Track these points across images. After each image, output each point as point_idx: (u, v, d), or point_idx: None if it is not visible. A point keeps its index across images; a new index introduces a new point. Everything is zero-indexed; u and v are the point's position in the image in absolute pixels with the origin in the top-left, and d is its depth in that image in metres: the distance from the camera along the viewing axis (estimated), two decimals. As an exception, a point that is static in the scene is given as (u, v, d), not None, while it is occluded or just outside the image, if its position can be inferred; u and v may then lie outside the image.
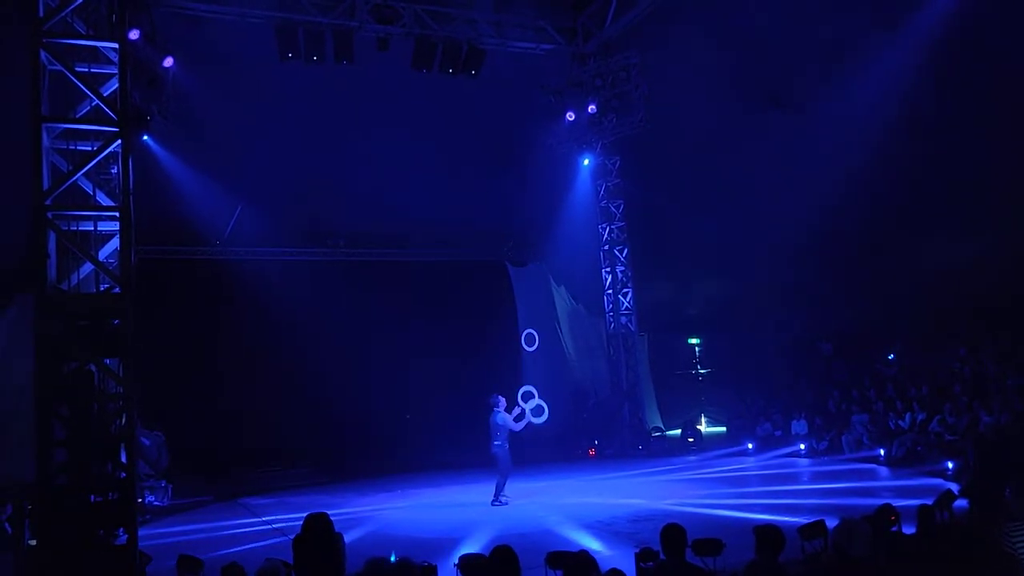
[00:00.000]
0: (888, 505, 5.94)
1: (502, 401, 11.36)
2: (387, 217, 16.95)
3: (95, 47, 7.54)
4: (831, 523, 5.68)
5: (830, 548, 5.30)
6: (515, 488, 11.59)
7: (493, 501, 11.10)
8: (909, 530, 5.85)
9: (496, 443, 11.15)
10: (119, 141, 7.12)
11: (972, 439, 11.49)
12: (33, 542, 7.08)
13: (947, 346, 15.14)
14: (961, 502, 7.33)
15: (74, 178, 7.13)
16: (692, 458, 15.98)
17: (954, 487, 8.74)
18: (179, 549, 7.18)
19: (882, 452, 13.32)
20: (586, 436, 17.26)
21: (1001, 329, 14.44)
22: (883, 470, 12.79)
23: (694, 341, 21.56)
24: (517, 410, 11.58)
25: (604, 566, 4.76)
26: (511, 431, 11.31)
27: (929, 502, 6.33)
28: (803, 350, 18.55)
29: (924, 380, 14.38)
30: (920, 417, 13.41)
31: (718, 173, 16.70)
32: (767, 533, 4.61)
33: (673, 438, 17.93)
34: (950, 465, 11.36)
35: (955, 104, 14.04)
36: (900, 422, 13.69)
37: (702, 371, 21.36)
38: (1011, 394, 12.41)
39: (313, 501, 12.23)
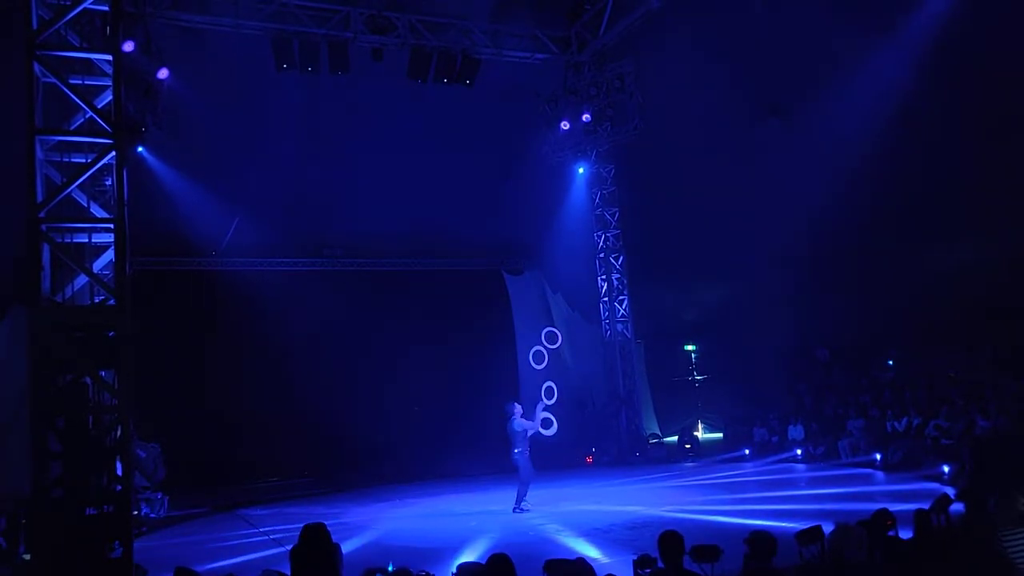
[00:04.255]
0: (884, 510, 5.94)
1: (518, 408, 11.33)
2: (383, 227, 16.96)
3: (89, 59, 7.56)
4: (828, 528, 5.69)
5: (826, 553, 5.31)
6: (511, 496, 11.56)
7: (515, 508, 11.03)
8: (906, 534, 5.86)
9: (516, 451, 11.09)
10: (113, 153, 7.11)
11: (968, 443, 11.52)
12: (27, 556, 7.03)
13: (944, 351, 15.18)
14: (957, 506, 7.34)
15: (68, 190, 7.10)
16: (689, 464, 15.98)
17: (950, 491, 8.76)
18: (176, 561, 7.13)
19: (878, 457, 13.33)
20: (583, 443, 17.24)
21: (998, 333, 14.49)
22: (879, 475, 12.79)
23: (690, 348, 21.58)
24: (541, 406, 11.54)
25: (602, 573, 4.76)
26: (530, 436, 11.29)
27: (925, 506, 6.34)
28: (800, 356, 18.58)
29: (920, 385, 14.41)
30: (916, 422, 13.43)
31: (713, 180, 16.75)
32: (757, 539, 4.61)
33: (670, 445, 17.91)
34: (946, 469, 11.37)
35: (951, 111, 14.11)
36: (896, 425, 13.71)
37: (699, 378, 21.36)
38: (1007, 398, 12.45)
39: (311, 511, 12.17)
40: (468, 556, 8.11)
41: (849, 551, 4.18)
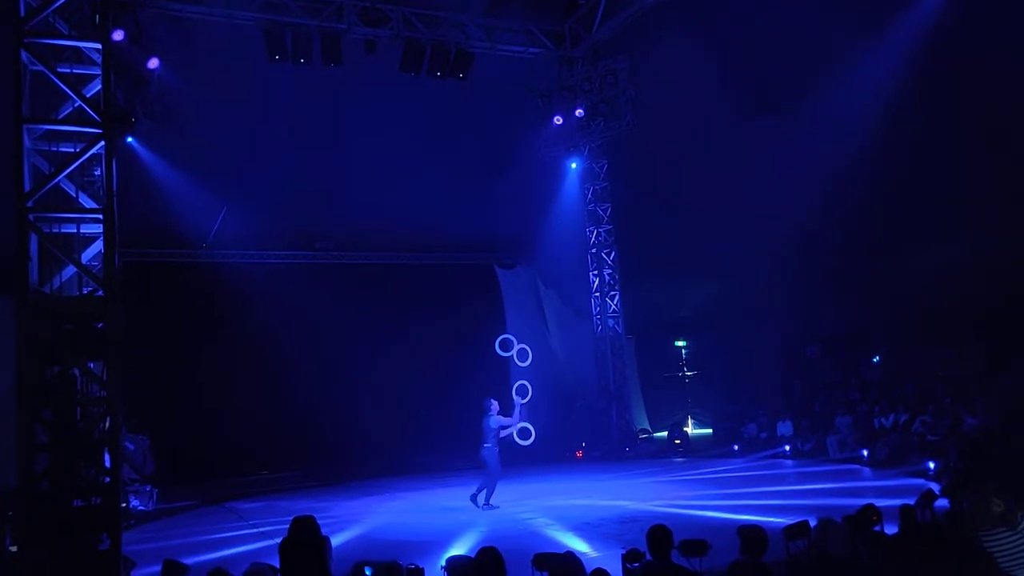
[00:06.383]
0: (870, 505, 5.99)
1: (495, 405, 11.30)
2: (375, 220, 16.92)
3: (78, 47, 7.49)
4: (815, 523, 5.73)
5: (811, 547, 5.35)
6: (502, 490, 11.58)
7: (483, 505, 10.94)
8: (891, 530, 5.91)
9: (486, 445, 11.06)
10: (102, 143, 7.07)
11: (954, 440, 11.62)
12: (14, 548, 7.00)
13: (932, 348, 15.29)
14: (942, 502, 7.42)
15: (56, 180, 7.05)
16: (679, 460, 16.05)
17: (935, 487, 8.84)
18: (164, 554, 7.11)
19: (866, 453, 13.43)
20: (574, 438, 17.28)
21: (985, 331, 14.60)
22: (866, 471, 12.89)
23: (681, 344, 21.66)
24: (516, 406, 11.51)
25: (590, 567, 4.78)
26: (503, 437, 11.27)
27: (911, 502, 6.40)
28: (790, 353, 18.68)
29: (909, 382, 14.51)
30: (903, 418, 13.54)
31: (705, 177, 16.79)
32: (750, 533, 4.65)
33: (660, 440, 17.99)
34: (932, 465, 11.47)
35: (941, 110, 14.18)
36: (884, 421, 13.82)
37: (689, 373, 21.45)
38: (994, 396, 12.55)
39: (300, 505, 12.16)
40: (457, 549, 8.12)
41: (832, 545, 4.22)
